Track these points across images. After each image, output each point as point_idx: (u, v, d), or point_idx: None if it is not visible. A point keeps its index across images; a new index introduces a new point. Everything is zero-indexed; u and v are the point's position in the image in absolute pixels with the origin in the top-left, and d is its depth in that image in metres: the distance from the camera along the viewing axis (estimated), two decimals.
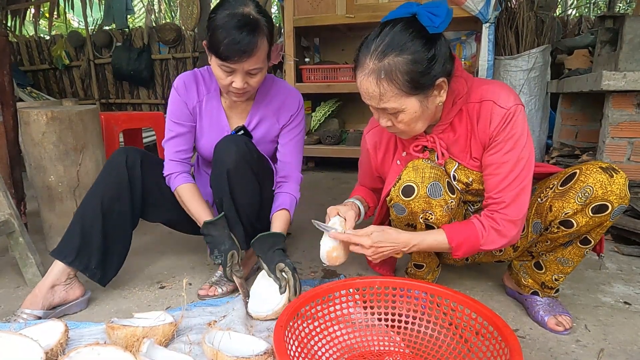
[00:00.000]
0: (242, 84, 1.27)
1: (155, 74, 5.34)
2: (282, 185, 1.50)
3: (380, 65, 0.99)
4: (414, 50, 0.98)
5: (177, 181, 1.42)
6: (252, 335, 1.12)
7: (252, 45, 1.20)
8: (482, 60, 2.99)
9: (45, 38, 5.77)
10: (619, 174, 1.03)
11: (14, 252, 1.53)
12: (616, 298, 1.41)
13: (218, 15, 1.21)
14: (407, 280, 1.15)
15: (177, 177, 1.43)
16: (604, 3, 6.12)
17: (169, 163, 1.44)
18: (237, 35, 1.18)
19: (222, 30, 1.19)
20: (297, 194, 1.50)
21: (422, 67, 0.99)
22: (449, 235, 1.12)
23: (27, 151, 1.75)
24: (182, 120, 1.44)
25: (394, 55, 0.98)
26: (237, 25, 1.18)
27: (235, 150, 1.30)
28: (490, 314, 0.97)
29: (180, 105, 1.43)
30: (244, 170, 1.33)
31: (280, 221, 1.42)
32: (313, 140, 3.49)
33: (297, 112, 1.49)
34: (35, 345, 0.96)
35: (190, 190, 1.42)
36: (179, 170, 1.44)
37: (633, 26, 1.96)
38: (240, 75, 1.26)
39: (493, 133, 1.08)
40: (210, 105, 1.46)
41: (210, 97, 1.46)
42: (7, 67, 1.90)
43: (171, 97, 1.45)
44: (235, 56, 1.20)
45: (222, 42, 1.19)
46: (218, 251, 1.33)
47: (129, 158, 1.39)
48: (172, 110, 1.44)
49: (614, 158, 1.98)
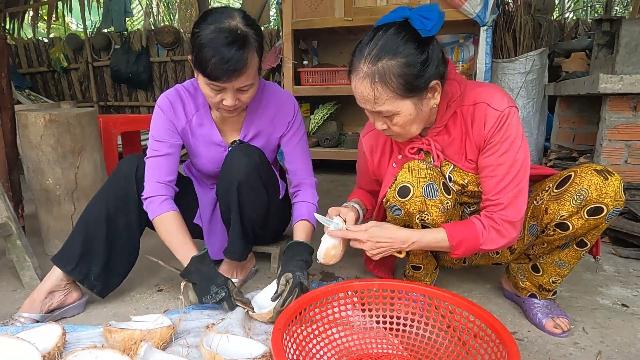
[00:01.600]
0: (233, 101, 1.20)
1: (153, 77, 5.34)
2: (298, 194, 1.47)
3: (374, 68, 1.00)
4: (407, 54, 0.99)
5: (162, 207, 1.30)
6: (250, 338, 1.12)
7: (242, 63, 1.12)
8: (480, 63, 3.00)
9: (44, 41, 5.76)
10: (614, 176, 1.04)
11: (12, 254, 1.52)
12: (614, 300, 1.41)
13: (203, 30, 1.12)
14: (405, 283, 1.15)
15: (162, 203, 1.31)
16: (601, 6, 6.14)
17: (155, 185, 1.31)
18: (225, 53, 1.10)
19: (208, 49, 1.10)
20: (314, 199, 1.45)
21: (416, 69, 1.00)
22: (449, 234, 1.12)
23: (25, 154, 1.75)
24: (168, 139, 1.34)
25: (388, 59, 0.99)
26: (225, 43, 1.10)
27: (247, 161, 1.28)
28: (488, 316, 0.97)
29: (166, 124, 1.34)
30: (255, 182, 1.30)
31: (301, 232, 1.39)
32: (311, 143, 3.49)
33: (295, 118, 1.43)
34: (32, 348, 0.96)
35: (177, 219, 1.31)
36: (164, 194, 1.32)
37: (629, 29, 1.98)
38: (230, 93, 1.19)
39: (488, 135, 1.09)
40: (200, 122, 1.38)
41: (199, 114, 1.37)
42: (6, 70, 1.90)
43: (155, 116, 1.35)
44: (225, 75, 1.13)
45: (209, 61, 1.11)
46: (216, 285, 1.22)
47: (139, 168, 1.33)
48: (157, 129, 1.34)
49: (611, 160, 1.98)
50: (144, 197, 1.32)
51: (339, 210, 1.27)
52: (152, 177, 1.32)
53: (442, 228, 1.14)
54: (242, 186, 1.29)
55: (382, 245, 1.15)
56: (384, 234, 1.15)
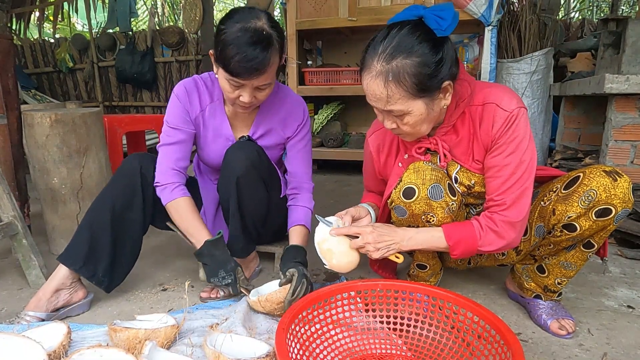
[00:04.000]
0: (250, 98, 1.23)
1: (158, 77, 5.37)
2: (295, 197, 1.49)
3: (388, 67, 0.99)
4: (421, 53, 0.98)
5: (175, 193, 1.34)
6: (253, 337, 1.12)
7: (265, 63, 1.16)
8: (485, 63, 2.99)
9: (50, 41, 5.81)
10: (623, 177, 1.03)
11: (17, 253, 1.54)
12: (619, 302, 1.40)
13: (229, 28, 1.16)
14: (409, 283, 1.15)
15: (175, 189, 1.34)
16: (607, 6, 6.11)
17: (168, 172, 1.35)
18: (250, 52, 1.13)
19: (233, 46, 1.14)
20: (310, 204, 1.49)
21: (430, 70, 0.99)
22: (446, 233, 1.12)
23: (31, 153, 1.76)
24: (183, 127, 1.37)
25: (402, 58, 0.98)
26: (250, 42, 1.13)
27: (246, 157, 1.29)
28: (493, 317, 0.97)
29: (181, 112, 1.37)
30: (254, 177, 1.32)
31: (297, 236, 1.41)
32: (315, 143, 3.50)
33: (304, 123, 1.46)
34: (38, 347, 0.96)
35: (190, 204, 1.36)
36: (177, 181, 1.36)
37: (636, 29, 1.96)
38: (248, 90, 1.22)
39: (495, 135, 1.08)
40: (213, 114, 1.41)
41: (213, 106, 1.41)
42: (12, 70, 1.91)
43: (171, 103, 1.38)
44: (247, 73, 1.16)
45: (233, 58, 1.14)
46: (225, 271, 1.28)
47: (143, 166, 1.36)
48: (173, 116, 1.37)
49: (617, 161, 1.97)
50: (157, 184, 1.35)
51: (339, 214, 1.27)
52: (165, 164, 1.36)
53: (440, 228, 1.14)
54: (241, 181, 1.30)
55: (382, 240, 1.15)
56: (384, 230, 1.16)
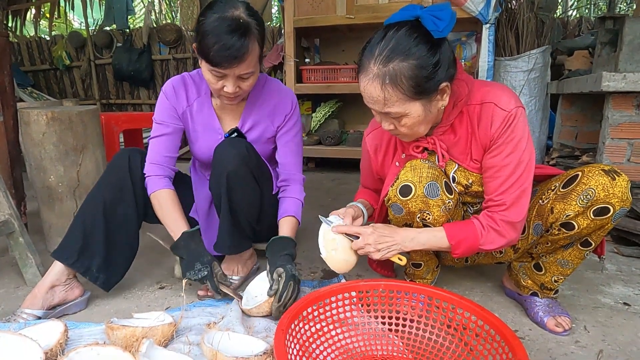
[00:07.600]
0: (233, 88, 1.25)
1: (155, 75, 5.34)
2: (285, 189, 1.48)
3: (385, 70, 0.99)
4: (418, 56, 0.98)
5: (157, 184, 1.37)
6: (251, 335, 1.12)
7: (243, 51, 1.18)
8: (482, 61, 2.99)
9: (46, 38, 5.77)
10: (621, 176, 1.03)
11: (14, 252, 1.53)
12: (616, 299, 1.41)
13: (207, 19, 1.19)
14: (411, 284, 1.15)
15: (159, 180, 1.38)
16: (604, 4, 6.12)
17: (154, 164, 1.39)
18: (227, 41, 1.15)
19: (211, 35, 1.16)
20: (301, 195, 1.48)
21: (427, 72, 0.99)
22: (448, 233, 1.12)
23: (28, 151, 1.75)
24: (168, 122, 1.41)
25: (399, 60, 0.98)
26: (228, 30, 1.16)
27: (235, 153, 1.30)
28: (495, 319, 0.96)
29: (167, 108, 1.41)
30: (244, 173, 1.32)
31: (287, 227, 1.40)
32: (313, 141, 3.49)
33: (292, 112, 1.46)
34: (34, 345, 0.96)
35: (171, 197, 1.38)
36: (161, 173, 1.39)
37: (633, 27, 1.96)
38: (231, 80, 1.24)
39: (494, 135, 1.08)
40: (201, 108, 1.43)
41: (200, 100, 1.43)
42: (8, 68, 1.90)
43: (159, 101, 1.42)
44: (226, 62, 1.18)
45: (212, 47, 1.16)
46: (201, 264, 1.28)
47: (131, 160, 1.38)
48: (159, 112, 1.42)
49: (614, 159, 1.97)
50: (144, 175, 1.39)
51: (338, 212, 1.26)
52: (152, 157, 1.40)
53: (442, 228, 1.14)
54: (231, 176, 1.30)
55: (383, 241, 1.15)
56: (385, 231, 1.16)
